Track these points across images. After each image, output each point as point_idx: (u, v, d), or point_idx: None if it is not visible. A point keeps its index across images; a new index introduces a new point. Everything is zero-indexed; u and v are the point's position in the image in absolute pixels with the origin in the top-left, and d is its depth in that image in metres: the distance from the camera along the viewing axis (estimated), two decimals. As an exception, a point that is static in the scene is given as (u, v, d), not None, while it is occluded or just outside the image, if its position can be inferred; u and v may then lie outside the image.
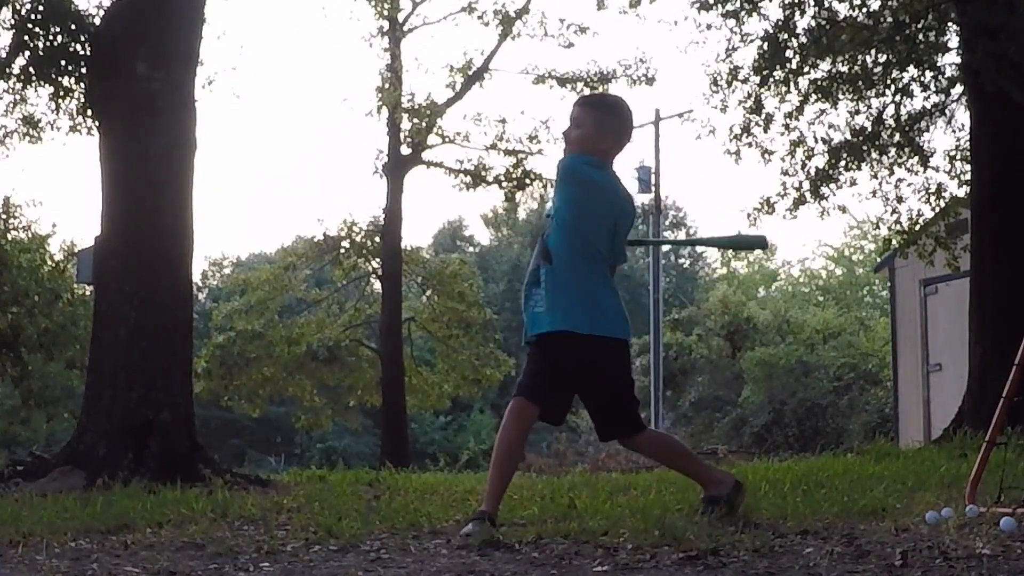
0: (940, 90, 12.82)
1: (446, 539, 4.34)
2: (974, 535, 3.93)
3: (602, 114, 4.72)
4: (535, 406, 4.54)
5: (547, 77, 21.35)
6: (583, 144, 4.65)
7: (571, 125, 4.72)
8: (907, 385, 17.18)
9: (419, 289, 26.33)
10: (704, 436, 25.52)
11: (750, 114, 12.94)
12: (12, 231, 20.39)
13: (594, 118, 4.69)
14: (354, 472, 8.93)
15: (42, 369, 20.37)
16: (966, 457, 7.01)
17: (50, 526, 4.90)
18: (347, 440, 39.04)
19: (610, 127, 4.69)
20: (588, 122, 4.68)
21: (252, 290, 24.96)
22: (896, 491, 5.32)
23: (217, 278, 46.27)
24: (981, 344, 10.60)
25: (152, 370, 7.66)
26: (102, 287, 8.05)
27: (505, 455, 4.53)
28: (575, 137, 4.68)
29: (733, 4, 12.40)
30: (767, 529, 4.25)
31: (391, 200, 22.39)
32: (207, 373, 23.57)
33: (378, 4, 21.70)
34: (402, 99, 21.39)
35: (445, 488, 6.69)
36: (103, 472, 7.12)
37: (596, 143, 4.65)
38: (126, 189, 7.98)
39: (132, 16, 8.13)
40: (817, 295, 43.59)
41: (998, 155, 10.89)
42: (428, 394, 25.14)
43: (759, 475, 6.48)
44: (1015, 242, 10.70)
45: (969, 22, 10.60)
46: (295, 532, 4.63)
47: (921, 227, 13.39)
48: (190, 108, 8.25)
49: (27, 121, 10.51)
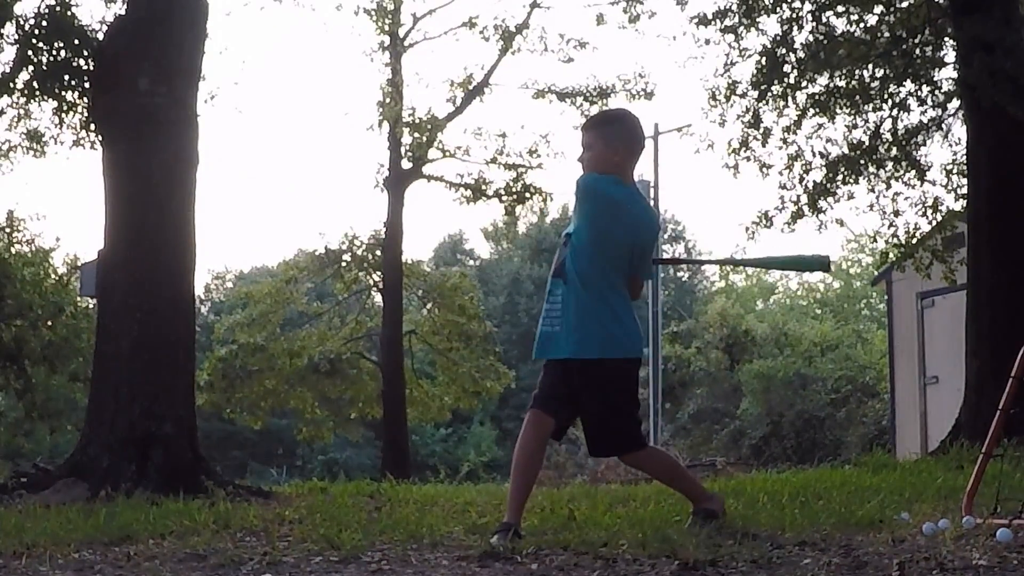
0: (937, 104, 12.84)
1: (446, 550, 4.36)
2: (970, 546, 3.95)
3: (607, 129, 4.72)
4: (550, 418, 4.60)
5: (547, 92, 21.42)
6: (597, 164, 4.65)
7: (583, 152, 4.73)
8: (904, 397, 17.17)
9: (420, 302, 26.36)
10: (703, 448, 25.51)
11: (748, 128, 12.96)
12: (16, 245, 20.40)
13: (600, 135, 4.70)
14: (355, 484, 8.83)
15: (45, 382, 20.37)
16: (963, 469, 7.06)
17: (54, 537, 4.92)
18: (348, 452, 39.03)
19: (618, 139, 4.68)
20: (597, 141, 4.68)
21: (254, 303, 24.98)
22: (893, 503, 5.34)
23: (219, 291, 46.28)
24: (977, 357, 10.63)
25: (155, 383, 7.68)
26: (105, 300, 8.08)
27: (526, 465, 4.58)
28: (588, 160, 4.69)
29: (731, 19, 12.43)
30: (765, 540, 4.27)
31: (392, 214, 22.44)
32: (209, 386, 23.61)
33: (379, 19, 21.76)
34: (403, 113, 21.45)
35: (445, 500, 6.71)
36: (106, 484, 7.14)
37: (609, 159, 4.64)
38: (129, 203, 8.01)
39: (135, 31, 8.17)
40: (815, 308, 43.61)
41: (994, 169, 10.93)
42: (429, 406, 25.16)
43: (757, 486, 6.52)
44: (1011, 255, 10.73)
45: (965, 37, 10.65)
46: (297, 543, 4.65)
47: (918, 240, 13.40)
48: (192, 123, 8.28)
49: (31, 135, 10.56)
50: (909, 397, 16.89)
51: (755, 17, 12.44)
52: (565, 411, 4.65)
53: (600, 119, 5.08)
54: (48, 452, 23.26)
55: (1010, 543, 3.92)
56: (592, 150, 4.68)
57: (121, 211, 8.03)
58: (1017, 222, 10.82)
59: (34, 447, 24.84)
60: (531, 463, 4.59)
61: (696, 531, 4.44)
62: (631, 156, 4.72)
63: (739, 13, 12.38)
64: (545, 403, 4.60)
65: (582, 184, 4.64)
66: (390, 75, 21.97)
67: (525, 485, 4.59)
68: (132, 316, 7.78)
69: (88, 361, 13.42)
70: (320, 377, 24.56)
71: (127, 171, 8.06)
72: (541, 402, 4.61)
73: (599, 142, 4.67)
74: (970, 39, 10.49)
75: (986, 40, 10.30)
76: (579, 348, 4.56)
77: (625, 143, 4.69)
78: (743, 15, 12.39)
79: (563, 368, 4.61)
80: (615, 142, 4.67)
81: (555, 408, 4.60)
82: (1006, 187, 10.91)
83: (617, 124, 4.76)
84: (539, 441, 4.60)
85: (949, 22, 11.60)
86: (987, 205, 10.97)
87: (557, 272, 4.65)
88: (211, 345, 26.17)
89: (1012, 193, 10.89)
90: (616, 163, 4.65)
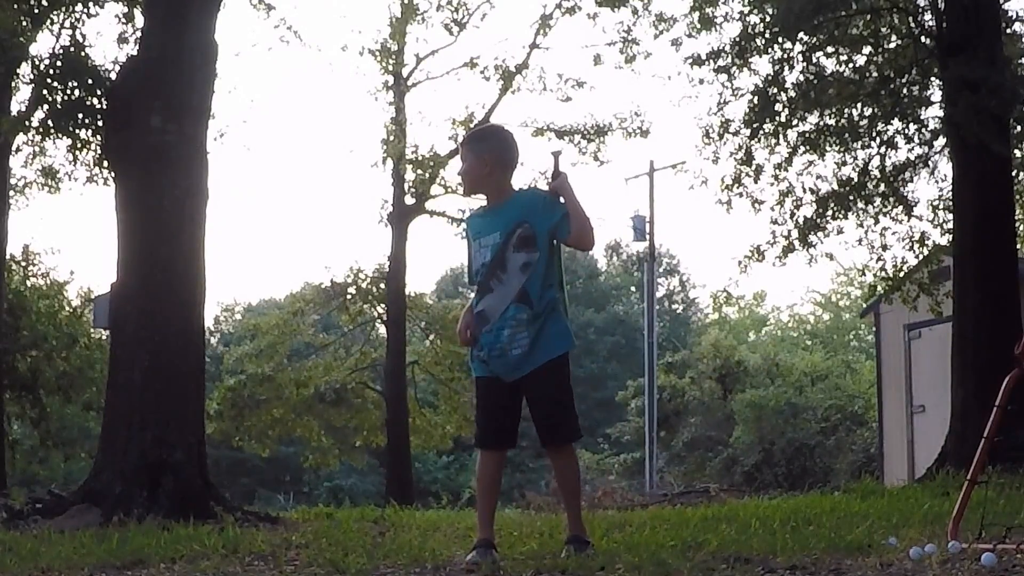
0: (923, 142, 13.01)
1: (449, 574, 4.38)
2: (956, 571, 3.97)
3: (477, 145, 4.89)
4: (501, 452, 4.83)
5: (546, 129, 21.54)
6: (469, 179, 4.92)
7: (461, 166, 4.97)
8: (892, 426, 17.26)
9: (422, 333, 26.57)
10: (697, 475, 25.61)
11: (741, 165, 13.14)
12: (31, 278, 20.52)
13: (470, 150, 4.89)
14: (360, 509, 8.95)
15: (60, 411, 20.46)
16: (948, 495, 7.13)
17: (67, 562, 4.96)
18: (353, 479, 39.03)
19: (488, 153, 4.84)
20: (467, 156, 4.88)
21: (262, 334, 25.16)
22: (881, 528, 5.37)
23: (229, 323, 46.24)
24: (963, 386, 10.78)
25: (166, 412, 7.73)
26: (118, 332, 8.14)
27: (491, 488, 4.80)
28: (462, 174, 4.95)
29: (724, 60, 12.60)
30: (757, 564, 4.28)
31: (395, 248, 22.59)
32: (219, 415, 23.77)
33: (383, 60, 22.01)
34: (406, 151, 21.62)
35: (448, 525, 6.77)
36: (119, 510, 7.19)
37: (480, 172, 4.84)
38: (141, 237, 8.07)
39: (147, 71, 8.27)
40: (805, 339, 43.70)
41: (979, 204, 11.11)
42: (431, 434, 25.33)
43: (750, 512, 6.59)
44: (995, 288, 10.90)
45: (951, 77, 10.86)
46: (303, 567, 4.63)
47: (905, 274, 13.55)
48: (202, 159, 8.37)
49: (46, 172, 10.64)
50: (897, 425, 16.98)
51: (747, 58, 12.64)
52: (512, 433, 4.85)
53: (472, 136, 5.14)
54: (62, 479, 23.26)
55: (994, 567, 3.95)
56: (465, 163, 4.89)
57: (133, 245, 8.09)
58: (1001, 256, 11.01)
59: (49, 474, 24.84)
60: (495, 486, 4.85)
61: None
62: (505, 169, 4.88)
63: (732, 54, 12.56)
64: (487, 442, 4.80)
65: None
66: (394, 113, 22.15)
67: (492, 504, 4.84)
68: (144, 347, 7.84)
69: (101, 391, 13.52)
70: (326, 406, 24.77)
71: (139, 206, 8.13)
72: (484, 442, 4.81)
73: (470, 156, 4.88)
74: (956, 79, 10.70)
75: (971, 80, 10.50)
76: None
77: (496, 157, 4.84)
78: (736, 56, 12.56)
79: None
80: (485, 156, 4.83)
81: (500, 440, 4.81)
82: (991, 222, 11.11)
83: (489, 140, 4.95)
84: (492, 473, 4.82)
85: (935, 62, 11.81)
86: (972, 239, 11.15)
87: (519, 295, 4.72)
88: (220, 375, 26.30)
89: (996, 227, 11.09)
90: (485, 176, 4.84)
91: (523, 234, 4.67)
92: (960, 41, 11.04)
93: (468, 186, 5.00)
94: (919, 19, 12.44)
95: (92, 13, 9.88)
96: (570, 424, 4.72)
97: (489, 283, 4.68)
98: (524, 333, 4.61)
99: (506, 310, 4.63)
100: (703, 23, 13.01)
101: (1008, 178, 11.52)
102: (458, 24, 21.69)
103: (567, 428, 4.72)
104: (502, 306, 4.64)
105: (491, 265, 4.68)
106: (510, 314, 4.62)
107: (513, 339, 4.61)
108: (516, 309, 4.63)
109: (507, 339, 4.61)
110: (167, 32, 8.35)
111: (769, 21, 12.32)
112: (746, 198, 13.36)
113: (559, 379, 4.69)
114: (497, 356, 4.64)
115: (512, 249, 4.67)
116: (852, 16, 12.44)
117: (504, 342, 4.62)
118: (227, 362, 26.12)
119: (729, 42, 12.64)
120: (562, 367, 4.70)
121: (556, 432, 4.71)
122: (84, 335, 19.69)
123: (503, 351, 4.63)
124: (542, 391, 4.67)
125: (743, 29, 12.62)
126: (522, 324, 4.61)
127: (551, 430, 4.70)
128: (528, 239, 4.66)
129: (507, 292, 4.65)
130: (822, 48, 12.70)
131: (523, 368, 4.63)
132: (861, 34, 12.77)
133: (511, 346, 4.62)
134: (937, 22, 11.84)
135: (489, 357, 4.67)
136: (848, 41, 12.64)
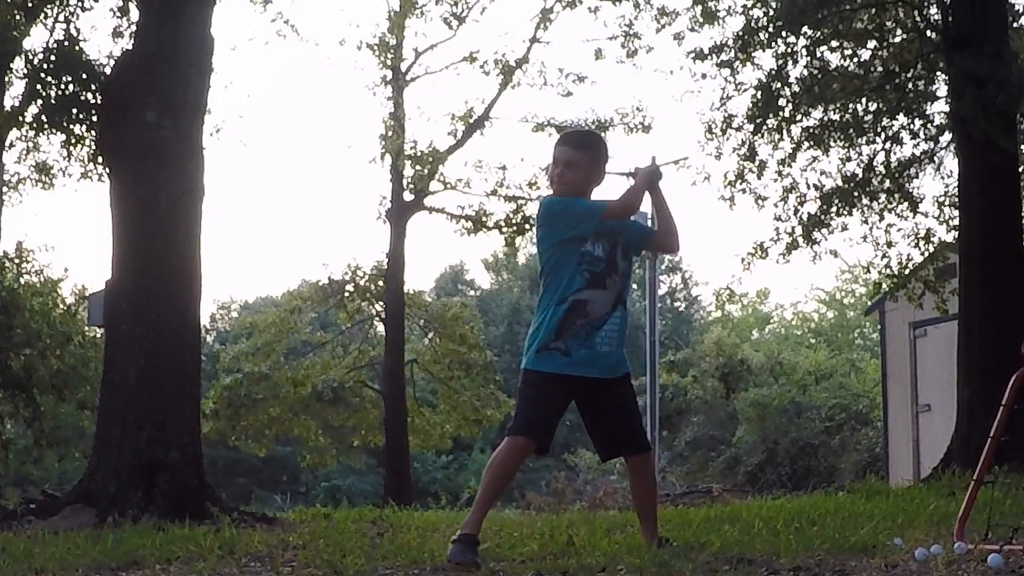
0: (929, 138, 13.00)
1: (447, 575, 4.38)
2: (962, 571, 3.98)
3: (594, 154, 4.91)
4: (538, 447, 4.74)
5: (546, 125, 21.43)
6: (580, 185, 4.87)
7: (565, 169, 4.82)
8: (897, 425, 17.21)
9: (421, 332, 26.53)
10: (700, 475, 25.54)
11: (744, 161, 13.07)
12: (25, 275, 20.41)
13: (588, 158, 4.89)
14: (358, 510, 8.92)
15: (54, 410, 20.37)
16: (954, 495, 7.07)
17: (62, 563, 4.96)
18: (351, 479, 39.02)
19: (599, 164, 4.95)
20: (587, 163, 4.85)
21: (259, 333, 25.08)
22: (886, 529, 5.36)
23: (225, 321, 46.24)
24: (969, 385, 10.72)
25: (161, 411, 7.73)
26: (112, 330, 8.12)
27: (502, 483, 4.75)
28: (574, 179, 4.83)
29: (728, 54, 12.54)
30: (761, 565, 4.29)
31: (394, 245, 22.53)
32: (215, 414, 23.68)
33: (382, 54, 21.92)
34: (405, 146, 21.53)
35: (446, 526, 6.68)
36: (113, 510, 7.19)
37: (589, 183, 4.91)
38: (136, 234, 8.07)
39: (142, 66, 8.26)
40: (809, 337, 43.61)
41: (985, 201, 11.06)
42: (430, 434, 25.27)
43: (753, 513, 6.56)
44: (1002, 286, 10.84)
45: (957, 72, 10.80)
46: (301, 568, 4.66)
47: (910, 271, 13.52)
48: (198, 155, 8.36)
49: (40, 168, 10.64)
50: (902, 425, 16.93)
51: (751, 52, 12.56)
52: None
53: (590, 141, 5.10)
54: (56, 479, 23.31)
55: (1001, 568, 3.95)
56: (581, 171, 4.81)
57: (128, 242, 8.10)
58: (1008, 253, 10.95)
59: (43, 474, 24.84)
60: (509, 480, 4.84)
61: (693, 557, 4.48)
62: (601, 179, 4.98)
63: (735, 48, 12.49)
64: (541, 436, 4.70)
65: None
66: (392, 109, 22.08)
67: (496, 498, 4.84)
68: (139, 345, 7.83)
69: (96, 389, 13.47)
70: (323, 405, 24.71)
71: (134, 202, 8.13)
72: (537, 435, 4.69)
73: (589, 165, 4.84)
74: (962, 73, 10.64)
75: (978, 74, 10.44)
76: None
77: (604, 168, 4.93)
78: (739, 50, 12.49)
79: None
80: (600, 164, 4.89)
81: (548, 441, 4.74)
82: (997, 218, 11.04)
83: (601, 149, 4.95)
84: (518, 465, 4.77)
85: (941, 57, 11.76)
86: (978, 236, 11.09)
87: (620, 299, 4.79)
88: (216, 374, 26.21)
89: (1002, 224, 11.03)
90: (594, 183, 4.90)
91: (626, 241, 4.82)
92: (966, 35, 10.98)
93: (573, 188, 4.85)
94: (925, 13, 12.39)
95: (87, 7, 9.85)
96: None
97: (605, 279, 4.76)
98: (620, 337, 4.78)
99: (613, 310, 4.74)
100: (706, 17, 12.96)
101: (1015, 174, 11.44)
102: (457, 18, 21.62)
103: (645, 435, 4.97)
104: (607, 306, 4.73)
105: (607, 262, 4.77)
106: (618, 315, 4.75)
107: (618, 340, 4.76)
108: (622, 312, 4.78)
109: (616, 338, 4.74)
110: (162, 26, 8.32)
111: (772, 15, 12.28)
112: (749, 194, 13.30)
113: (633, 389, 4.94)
114: (604, 354, 4.71)
115: (620, 255, 4.81)
116: (857, 10, 12.40)
117: (615, 339, 4.73)
118: (223, 360, 26.00)
119: (732, 36, 12.59)
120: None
121: (644, 439, 4.89)
122: (78, 333, 19.63)
123: (610, 349, 4.72)
124: (627, 398, 4.85)
125: (746, 23, 12.56)
126: (621, 328, 4.77)
127: (641, 436, 4.86)
128: (628, 247, 4.85)
129: (613, 294, 4.76)
130: (826, 42, 12.66)
131: (618, 371, 4.77)
132: (866, 28, 12.72)
133: (617, 345, 4.76)
134: (943, 16, 11.78)
135: (592, 356, 4.68)
136: (853, 35, 12.59)
